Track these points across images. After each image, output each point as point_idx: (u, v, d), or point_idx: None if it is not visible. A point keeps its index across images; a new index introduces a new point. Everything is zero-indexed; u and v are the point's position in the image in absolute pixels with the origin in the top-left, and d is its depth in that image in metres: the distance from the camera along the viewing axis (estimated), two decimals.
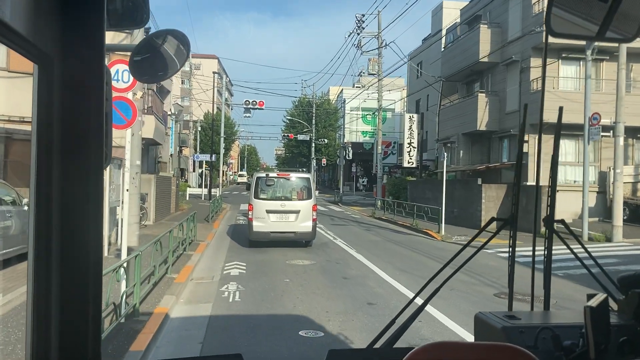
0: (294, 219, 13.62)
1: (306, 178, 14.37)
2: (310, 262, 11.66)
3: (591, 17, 1.43)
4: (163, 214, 20.09)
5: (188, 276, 9.69)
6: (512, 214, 1.86)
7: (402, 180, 30.50)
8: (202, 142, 57.93)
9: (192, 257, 11.48)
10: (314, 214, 13.81)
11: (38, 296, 0.94)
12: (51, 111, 0.94)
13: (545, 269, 1.87)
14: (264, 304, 7.85)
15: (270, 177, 14.09)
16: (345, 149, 37.33)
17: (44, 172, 0.94)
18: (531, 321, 1.64)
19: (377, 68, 31.54)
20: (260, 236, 13.52)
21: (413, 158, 28.84)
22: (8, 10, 0.80)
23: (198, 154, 41.75)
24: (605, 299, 1.45)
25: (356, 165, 52.23)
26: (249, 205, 13.88)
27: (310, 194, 14.02)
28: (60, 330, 0.95)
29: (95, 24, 0.98)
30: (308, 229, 13.60)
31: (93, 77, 0.98)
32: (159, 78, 2.36)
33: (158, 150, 24.86)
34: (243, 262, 11.36)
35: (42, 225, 0.94)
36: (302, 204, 13.83)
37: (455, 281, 7.24)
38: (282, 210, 13.61)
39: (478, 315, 1.73)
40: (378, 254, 13.08)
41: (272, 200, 13.93)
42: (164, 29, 1.90)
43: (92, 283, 0.99)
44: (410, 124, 28.91)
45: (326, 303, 7.88)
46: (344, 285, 9.31)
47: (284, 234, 13.56)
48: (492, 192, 19.43)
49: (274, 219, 13.58)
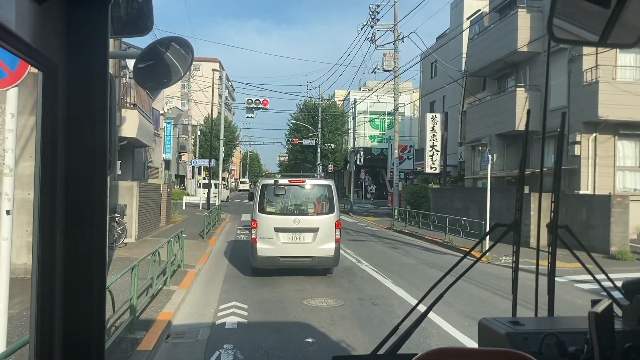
0: (311, 239, 10.46)
1: (326, 185, 11.19)
2: (337, 302, 8.50)
3: (593, 24, 1.41)
4: (149, 228, 16.94)
5: (163, 331, 6.54)
6: (516, 220, 1.81)
7: (422, 188, 27.30)
8: (202, 148, 54.95)
9: (174, 296, 8.32)
10: (337, 232, 10.65)
11: (42, 305, 0.94)
12: (56, 117, 0.95)
13: (549, 275, 1.81)
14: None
15: (280, 184, 10.86)
16: (356, 154, 34.11)
17: (49, 178, 0.95)
18: (535, 327, 1.61)
19: (392, 64, 28.42)
20: (267, 262, 10.37)
21: (436, 163, 25.62)
22: (13, 18, 0.81)
23: (196, 159, 38.47)
24: (610, 305, 1.42)
25: (365, 171, 49.09)
26: (252, 222, 10.74)
27: (333, 206, 10.87)
28: (63, 344, 0.97)
29: (100, 31, 0.98)
30: (329, 253, 10.44)
31: (97, 83, 0.99)
32: (163, 85, 2.16)
33: (147, 153, 21.72)
34: (243, 303, 8.20)
35: (46, 231, 0.95)
36: (321, 219, 10.68)
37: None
38: (296, 229, 10.47)
39: (482, 321, 1.69)
40: (423, 286, 9.88)
41: (282, 214, 10.80)
42: (167, 36, 1.96)
43: (96, 290, 0.99)
44: (433, 125, 25.74)
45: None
46: None
47: (298, 260, 10.40)
48: (542, 202, 16.23)
49: (284, 240, 10.43)
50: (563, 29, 1.44)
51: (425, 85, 40.94)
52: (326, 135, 51.10)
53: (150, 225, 17.06)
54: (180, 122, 59.31)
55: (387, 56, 28.67)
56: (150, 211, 17.24)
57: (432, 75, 39.90)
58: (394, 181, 27.54)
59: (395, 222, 23.65)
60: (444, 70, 26.26)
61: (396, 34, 28.01)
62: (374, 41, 28.65)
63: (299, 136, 50.34)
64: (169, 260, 9.15)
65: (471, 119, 24.08)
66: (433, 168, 25.81)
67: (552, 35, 1.43)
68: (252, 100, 27.58)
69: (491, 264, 13.12)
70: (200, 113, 54.20)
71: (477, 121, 23.46)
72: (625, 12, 1.33)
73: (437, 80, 36.88)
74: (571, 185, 17.95)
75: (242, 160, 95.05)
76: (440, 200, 23.39)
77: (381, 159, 51.77)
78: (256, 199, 10.80)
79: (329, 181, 11.50)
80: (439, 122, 25.83)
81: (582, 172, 17.58)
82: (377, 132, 54.87)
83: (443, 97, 35.92)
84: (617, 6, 1.32)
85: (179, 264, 10.88)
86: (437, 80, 37.15)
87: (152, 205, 17.41)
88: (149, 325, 6.66)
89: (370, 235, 19.97)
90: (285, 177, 11.60)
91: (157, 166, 25.48)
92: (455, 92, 30.58)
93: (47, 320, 0.95)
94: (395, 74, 28.30)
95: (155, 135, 23.38)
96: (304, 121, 52.96)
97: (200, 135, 56.50)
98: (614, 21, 1.34)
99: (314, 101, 53.58)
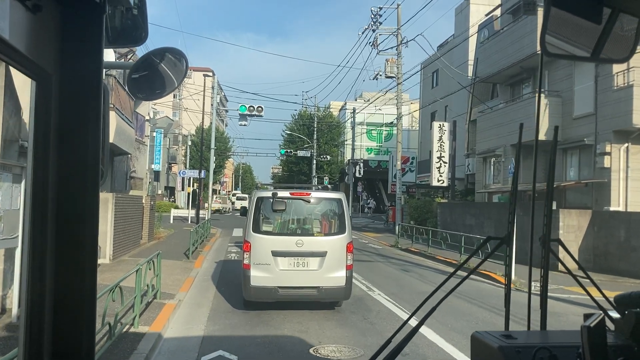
0: (317, 266, 8.54)
1: (336, 199, 9.27)
2: (353, 351, 6.57)
3: (585, 40, 1.42)
4: (128, 246, 14.94)
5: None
6: (508, 233, 1.75)
7: (427, 203, 25.44)
8: (193, 159, 52.95)
9: (142, 344, 6.34)
10: (349, 257, 8.74)
11: (31, 317, 0.93)
12: (48, 127, 0.94)
13: (542, 288, 1.76)
14: None
15: (279, 197, 8.91)
16: (355, 165, 32.21)
17: (40, 188, 0.94)
18: (528, 341, 1.59)
19: (395, 70, 26.68)
20: (262, 294, 8.42)
21: (444, 175, 23.76)
22: (7, 27, 0.80)
23: (185, 170, 36.46)
24: (603, 319, 1.41)
25: (362, 185, 47.28)
26: (245, 244, 8.82)
27: (344, 224, 8.98)
28: (52, 357, 0.96)
29: (94, 42, 0.98)
30: (339, 283, 8.51)
31: (90, 94, 0.98)
32: (157, 96, 2.08)
33: (129, 162, 19.74)
34: (232, 354, 6.25)
35: (37, 242, 0.93)
36: (330, 241, 8.78)
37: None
38: (298, 252, 8.55)
39: (475, 335, 1.67)
40: (461, 328, 7.94)
41: (282, 235, 8.90)
42: (162, 47, 1.91)
43: (87, 303, 0.98)
44: (440, 134, 23.92)
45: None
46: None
47: (301, 292, 8.48)
48: (573, 220, 14.41)
49: (284, 267, 8.50)
50: (555, 46, 1.44)
51: (425, 95, 39.37)
52: (322, 146, 49.29)
53: (128, 242, 15.06)
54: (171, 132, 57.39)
55: (389, 62, 26.94)
56: (130, 227, 15.24)
57: (432, 85, 38.32)
58: (397, 195, 25.64)
59: (399, 240, 21.73)
60: (452, 76, 24.54)
61: (399, 38, 26.31)
62: (376, 46, 26.93)
63: (294, 147, 48.49)
64: (137, 293, 7.18)
65: (482, 129, 22.33)
66: (440, 181, 23.94)
67: (545, 50, 1.42)
68: (246, 107, 25.69)
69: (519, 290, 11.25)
70: (191, 122, 52.25)
71: (489, 130, 21.73)
72: (617, 27, 1.35)
73: (438, 91, 35.25)
74: (600, 200, 16.17)
75: (234, 172, 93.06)
76: (450, 216, 21.52)
77: (378, 171, 49.98)
78: (250, 215, 8.89)
79: (339, 194, 9.60)
80: (447, 131, 24.03)
81: (612, 186, 15.81)
82: (374, 143, 53.12)
83: (445, 107, 34.27)
84: (608, 22, 1.34)
85: (156, 293, 8.92)
86: (438, 90, 35.52)
87: (131, 220, 15.42)
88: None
89: (375, 255, 18.04)
90: (285, 189, 9.71)
91: (141, 177, 23.47)
92: (460, 102, 28.92)
93: (37, 333, 0.94)
94: (398, 80, 26.55)
95: (139, 142, 21.41)
96: (299, 132, 51.14)
97: (192, 146, 54.55)
98: (605, 37, 1.36)
99: (309, 111, 51.84)
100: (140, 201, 16.61)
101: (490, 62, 21.95)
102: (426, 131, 40.75)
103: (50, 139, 0.94)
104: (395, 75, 26.82)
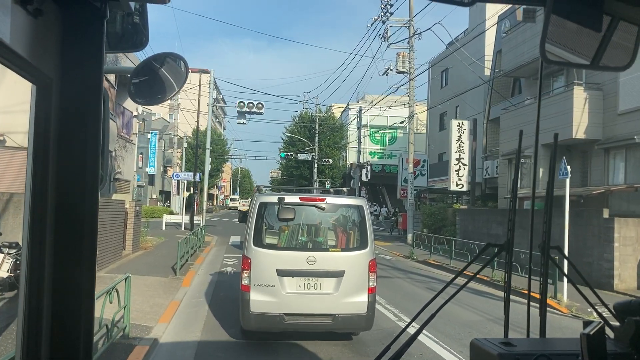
0: (333, 288, 6.49)
1: (357, 206, 7.15)
2: None
3: (585, 48, 1.41)
4: (106, 259, 12.73)
5: None
6: (508, 240, 1.74)
7: (443, 209, 23.23)
8: (189, 162, 50.76)
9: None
10: (371, 278, 6.77)
11: (29, 320, 0.92)
12: (48, 132, 0.93)
13: (541, 296, 1.74)
14: None
15: (287, 204, 6.76)
16: (361, 169, 29.99)
17: (40, 193, 0.93)
18: (527, 348, 1.55)
19: (407, 65, 24.60)
20: (265, 323, 6.42)
21: (463, 179, 21.56)
22: (8, 32, 0.80)
23: (179, 172, 34.29)
24: (602, 327, 1.39)
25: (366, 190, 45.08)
26: (244, 260, 6.68)
27: (365, 238, 6.91)
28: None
29: (95, 46, 0.97)
30: (360, 310, 6.53)
31: (91, 98, 0.97)
32: (158, 100, 2.06)
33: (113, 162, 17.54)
34: None
35: (36, 246, 0.92)
36: (349, 258, 6.76)
37: None
38: (310, 272, 6.49)
39: (474, 342, 1.64)
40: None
41: (290, 250, 6.84)
42: (162, 52, 1.86)
43: (84, 308, 0.96)
44: (459, 134, 21.75)
45: None
46: None
47: (313, 320, 6.52)
48: (631, 231, 12.24)
49: (292, 289, 6.42)
50: (555, 53, 1.41)
51: (433, 96, 37.35)
52: (323, 149, 47.10)
53: (107, 254, 12.85)
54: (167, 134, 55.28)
55: (401, 56, 24.86)
56: (109, 236, 13.04)
57: (442, 84, 36.28)
58: (408, 200, 23.44)
59: (414, 250, 19.51)
60: (472, 70, 22.41)
61: (412, 30, 24.24)
62: (386, 38, 24.85)
63: (294, 150, 46.33)
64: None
65: (507, 127, 20.19)
66: (460, 185, 21.75)
67: (545, 57, 1.39)
68: (245, 104, 23.52)
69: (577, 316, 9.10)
70: (188, 123, 50.12)
71: (515, 129, 19.58)
72: (616, 35, 1.34)
73: (447, 91, 33.18)
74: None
75: (232, 176, 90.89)
76: (472, 224, 19.33)
77: (382, 175, 47.76)
78: (251, 224, 6.78)
79: (359, 200, 7.50)
80: (467, 131, 21.85)
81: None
82: (377, 147, 50.94)
83: (456, 108, 32.22)
84: (608, 30, 1.33)
85: (124, 329, 6.72)
86: (447, 90, 33.46)
87: (111, 228, 13.21)
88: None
89: (391, 269, 15.84)
90: (294, 193, 7.59)
91: (128, 179, 21.27)
92: (473, 101, 26.81)
93: (34, 337, 0.92)
94: (411, 76, 24.46)
95: (125, 140, 19.21)
96: (300, 134, 48.94)
97: (188, 148, 52.41)
98: (605, 44, 1.35)
99: (310, 113, 49.71)
100: (122, 206, 14.41)
101: (517, 54, 19.87)
102: (434, 133, 38.63)
103: (50, 143, 0.93)
104: (407, 70, 24.74)
